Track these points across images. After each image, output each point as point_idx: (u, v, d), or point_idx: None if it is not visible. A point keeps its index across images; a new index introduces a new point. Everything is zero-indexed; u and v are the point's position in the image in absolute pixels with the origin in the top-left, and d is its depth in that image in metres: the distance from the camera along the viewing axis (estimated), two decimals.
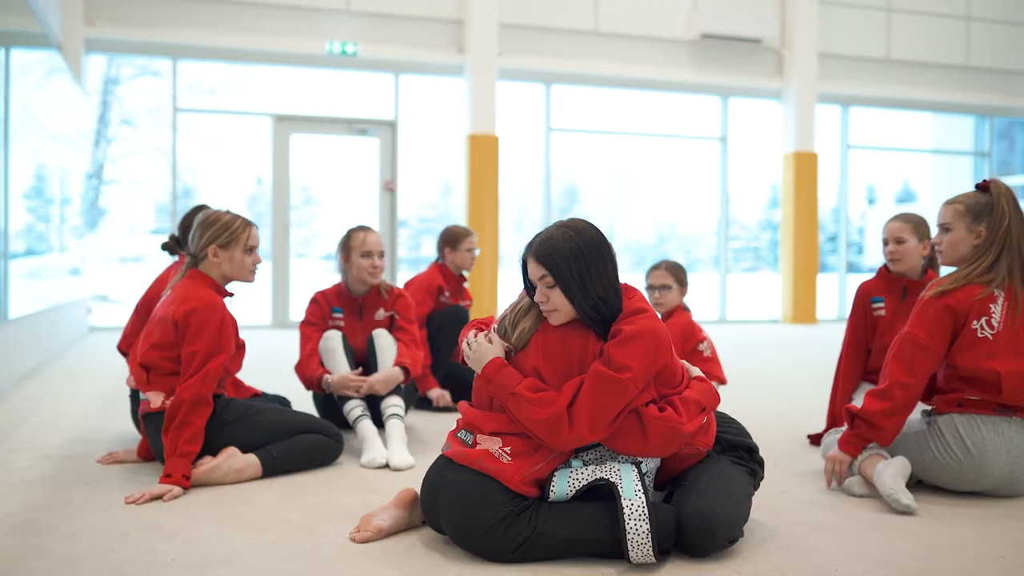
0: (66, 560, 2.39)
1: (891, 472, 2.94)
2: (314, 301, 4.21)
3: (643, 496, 2.34)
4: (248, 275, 3.41)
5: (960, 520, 2.82)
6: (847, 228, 13.35)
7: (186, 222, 4.01)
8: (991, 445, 2.97)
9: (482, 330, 2.62)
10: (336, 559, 2.42)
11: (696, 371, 2.67)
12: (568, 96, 11.94)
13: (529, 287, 2.62)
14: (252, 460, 3.26)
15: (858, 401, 3.67)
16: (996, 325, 2.99)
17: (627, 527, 2.30)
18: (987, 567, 2.39)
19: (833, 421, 3.80)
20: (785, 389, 6.02)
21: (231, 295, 3.43)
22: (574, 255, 2.49)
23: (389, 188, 10.91)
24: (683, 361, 2.67)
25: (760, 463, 2.74)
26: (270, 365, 6.60)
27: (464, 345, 2.61)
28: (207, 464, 3.16)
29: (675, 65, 11.84)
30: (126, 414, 4.64)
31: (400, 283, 6.37)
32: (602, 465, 2.45)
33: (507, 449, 2.46)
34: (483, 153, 10.74)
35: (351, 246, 4.16)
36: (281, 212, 10.62)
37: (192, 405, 3.09)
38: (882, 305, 3.80)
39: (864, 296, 3.84)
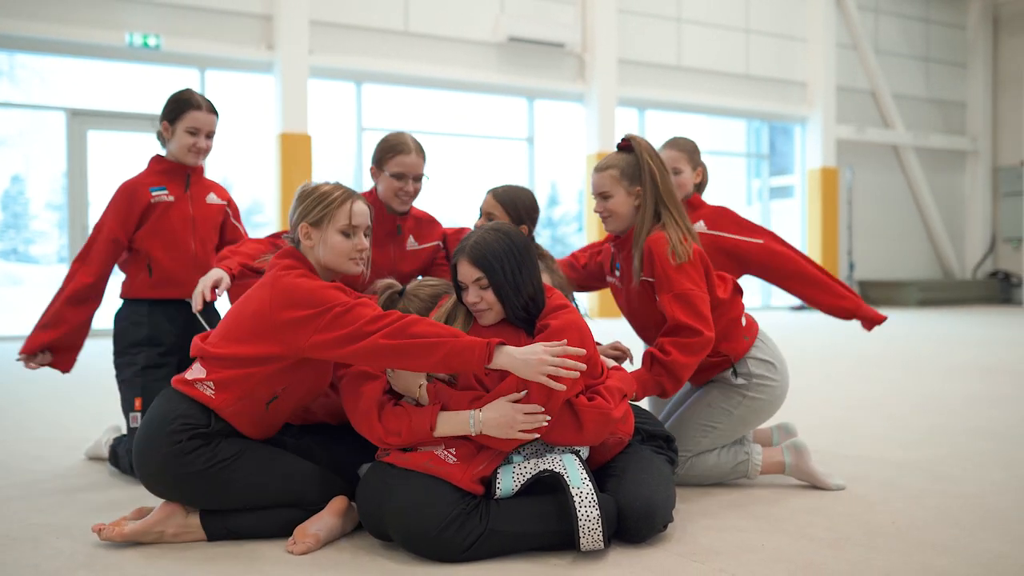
0: None
1: (806, 459, 3.18)
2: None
3: (590, 483, 2.45)
4: (347, 263, 2.70)
5: (846, 495, 3.13)
6: None
7: None
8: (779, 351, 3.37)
9: None
10: (285, 573, 2.36)
11: (611, 363, 2.83)
12: (379, 95, 11.88)
13: (459, 289, 2.66)
14: (195, 526, 2.61)
15: None
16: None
17: (578, 514, 2.39)
18: (881, 532, 2.66)
19: None
20: None
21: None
22: (507, 257, 2.58)
23: None
24: (602, 357, 2.80)
25: (676, 450, 2.91)
26: (65, 378, 6.18)
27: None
28: (139, 524, 2.58)
29: (483, 67, 12.06)
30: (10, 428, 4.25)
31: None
32: (543, 457, 2.54)
33: (451, 451, 2.50)
34: (295, 152, 10.51)
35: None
36: (79, 212, 9.93)
37: None
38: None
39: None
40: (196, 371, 2.66)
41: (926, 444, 3.97)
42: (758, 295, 15.45)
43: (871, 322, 3.69)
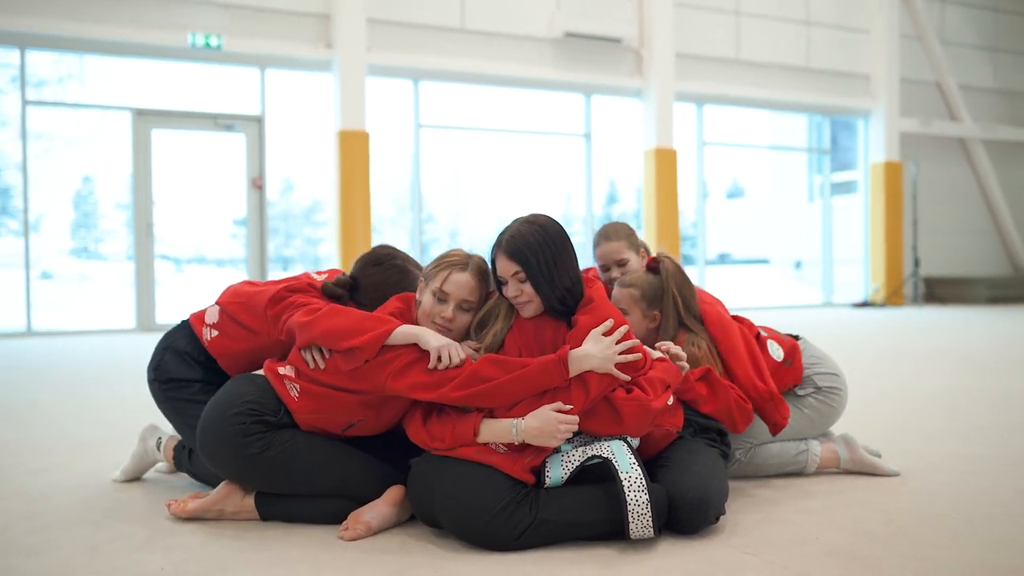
0: None
1: (858, 450, 3.22)
2: None
3: (639, 469, 2.43)
4: (429, 325, 2.68)
5: (903, 488, 3.05)
6: (704, 223, 13.92)
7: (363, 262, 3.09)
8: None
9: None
10: (333, 557, 2.39)
11: (656, 353, 2.79)
12: (436, 92, 11.94)
13: (499, 284, 2.67)
14: (251, 507, 2.71)
15: None
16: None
17: (628, 499, 2.38)
18: (943, 528, 2.60)
19: None
20: None
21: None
22: (542, 249, 2.57)
23: (257, 185, 10.63)
24: (645, 346, 2.77)
25: (729, 444, 2.88)
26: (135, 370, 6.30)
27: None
28: (201, 502, 2.72)
29: (540, 63, 12.05)
30: (29, 424, 4.37)
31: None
32: (592, 445, 2.53)
33: (501, 442, 2.50)
34: (354, 149, 10.62)
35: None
36: (143, 211, 10.16)
37: None
38: None
39: None
40: (288, 370, 2.73)
41: (990, 440, 3.86)
42: (819, 292, 15.22)
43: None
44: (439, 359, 2.49)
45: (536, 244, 2.58)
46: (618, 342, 2.50)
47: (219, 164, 10.93)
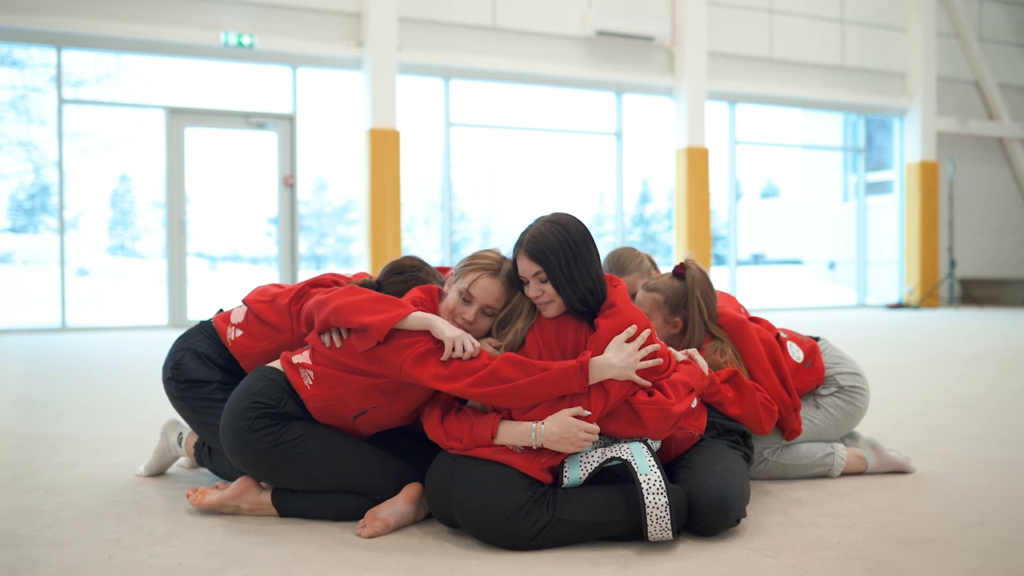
0: (63, 570, 2.27)
1: (884, 451, 3.20)
2: None
3: (659, 471, 2.41)
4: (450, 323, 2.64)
5: (933, 493, 3.00)
6: (736, 222, 13.81)
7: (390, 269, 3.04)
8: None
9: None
10: (350, 554, 2.38)
11: (680, 355, 2.76)
12: (467, 91, 11.95)
13: (520, 284, 2.65)
14: (267, 503, 2.72)
15: None
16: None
17: (646, 501, 2.36)
18: (970, 534, 2.55)
19: None
20: None
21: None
22: (563, 249, 2.55)
23: (288, 183, 10.69)
24: (670, 348, 2.75)
25: (752, 447, 2.84)
26: None
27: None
28: (218, 495, 2.75)
29: (571, 61, 12.01)
30: (57, 418, 4.42)
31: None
32: (611, 446, 2.50)
33: None
34: (384, 147, 10.65)
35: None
36: (176, 208, 10.26)
37: None
38: None
39: None
40: (303, 356, 2.72)
41: (1023, 444, 3.79)
42: (853, 293, 15.05)
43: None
44: (452, 349, 2.48)
45: (557, 244, 2.56)
46: (641, 347, 2.48)
47: (251, 162, 11.02)
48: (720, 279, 13.57)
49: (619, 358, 2.45)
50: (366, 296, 2.60)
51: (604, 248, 2.88)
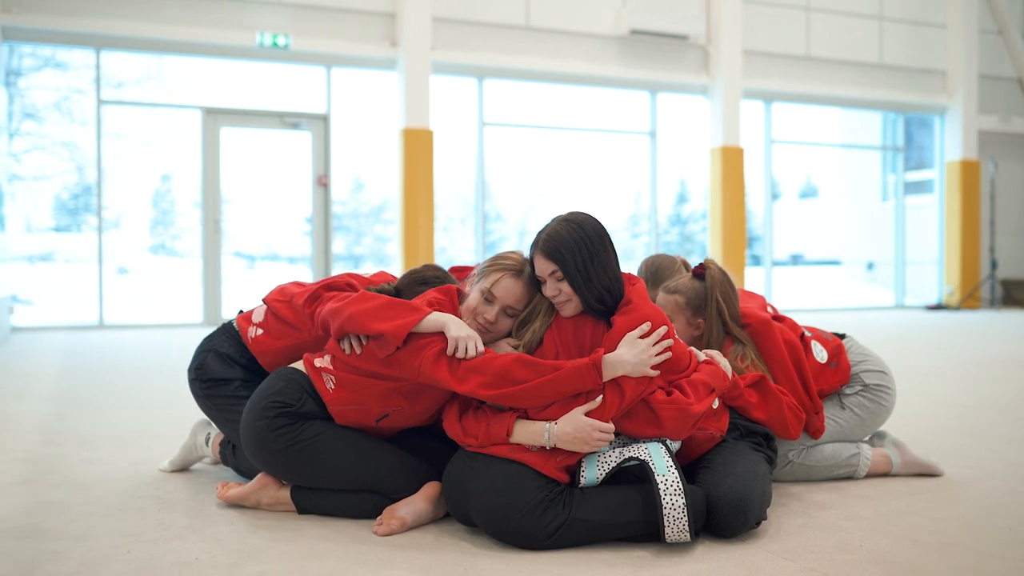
0: (84, 564, 2.30)
1: (909, 451, 3.15)
2: None
3: (676, 472, 2.38)
4: (469, 320, 2.66)
5: (963, 497, 2.94)
6: (771, 222, 13.68)
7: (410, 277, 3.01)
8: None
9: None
10: (365, 551, 2.38)
11: (703, 355, 2.73)
12: (500, 90, 11.95)
13: (538, 283, 2.64)
14: (286, 499, 2.74)
15: None
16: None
17: (663, 502, 2.33)
18: (996, 539, 2.49)
19: None
20: None
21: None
22: (579, 248, 2.53)
23: (322, 183, 10.76)
24: (691, 347, 2.72)
25: (775, 450, 2.81)
26: None
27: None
28: (239, 490, 2.79)
29: (605, 60, 11.96)
30: (88, 414, 4.48)
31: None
32: (629, 446, 2.48)
33: None
34: (417, 147, 10.68)
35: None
36: (212, 208, 10.37)
37: None
38: None
39: None
40: (325, 361, 2.72)
41: None
42: (891, 294, 14.84)
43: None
44: (455, 349, 2.47)
45: (572, 243, 2.54)
46: (656, 343, 2.46)
47: (286, 162, 11.10)
48: (755, 280, 13.44)
49: (632, 354, 2.42)
50: (378, 302, 2.59)
51: (641, 249, 2.85)
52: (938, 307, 13.84)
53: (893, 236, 14.90)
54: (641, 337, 2.46)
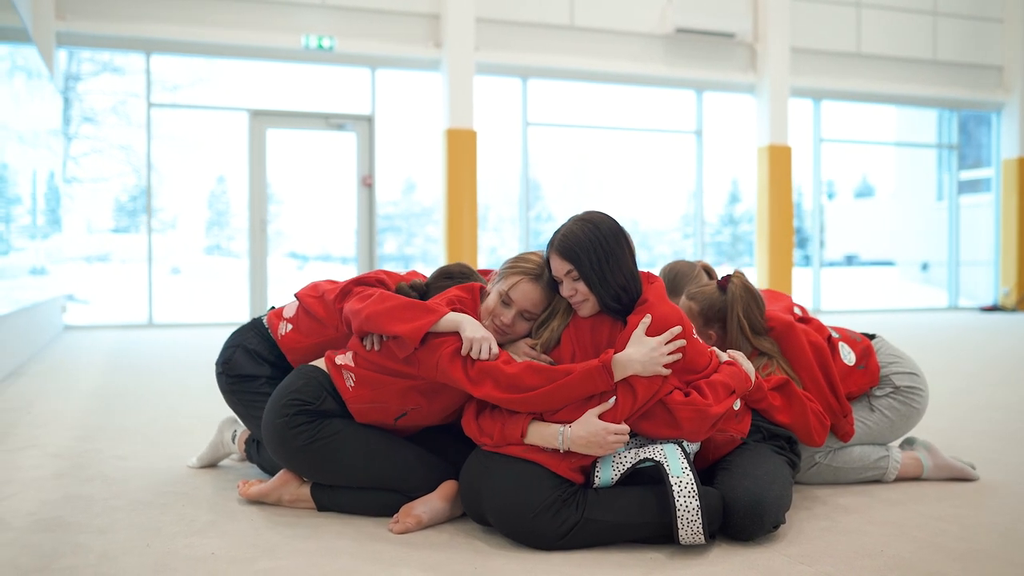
0: (103, 556, 2.34)
1: (940, 455, 3.10)
2: None
3: (691, 473, 2.35)
4: (486, 321, 2.65)
5: (995, 503, 2.86)
6: (821, 221, 13.47)
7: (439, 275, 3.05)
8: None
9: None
10: (379, 549, 2.39)
11: (724, 356, 2.69)
12: (545, 90, 11.93)
13: (555, 283, 2.62)
14: (307, 496, 2.77)
15: None
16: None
17: (677, 504, 2.31)
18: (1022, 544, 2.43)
19: None
20: None
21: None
22: (594, 247, 2.51)
23: (367, 183, 10.85)
24: (714, 348, 2.68)
25: (798, 454, 2.76)
26: None
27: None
28: (261, 487, 2.83)
29: (650, 59, 11.88)
30: (127, 411, 4.57)
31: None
32: (644, 447, 2.46)
33: None
34: (461, 147, 10.71)
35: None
36: (258, 208, 10.51)
37: None
38: None
39: None
40: (346, 358, 2.74)
41: None
42: (944, 294, 14.52)
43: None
44: (470, 349, 2.47)
45: (588, 242, 2.52)
46: (668, 342, 2.42)
47: (331, 163, 11.21)
48: (804, 281, 13.24)
49: (640, 352, 2.39)
50: (395, 303, 2.60)
51: (690, 250, 2.81)
52: (993, 308, 13.51)
53: (947, 236, 14.58)
54: (649, 334, 2.43)
